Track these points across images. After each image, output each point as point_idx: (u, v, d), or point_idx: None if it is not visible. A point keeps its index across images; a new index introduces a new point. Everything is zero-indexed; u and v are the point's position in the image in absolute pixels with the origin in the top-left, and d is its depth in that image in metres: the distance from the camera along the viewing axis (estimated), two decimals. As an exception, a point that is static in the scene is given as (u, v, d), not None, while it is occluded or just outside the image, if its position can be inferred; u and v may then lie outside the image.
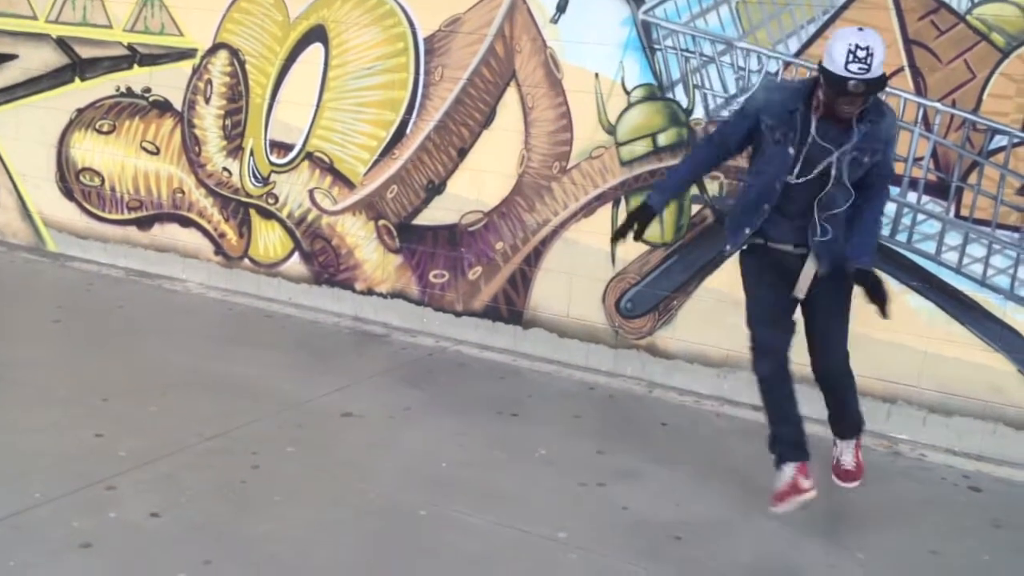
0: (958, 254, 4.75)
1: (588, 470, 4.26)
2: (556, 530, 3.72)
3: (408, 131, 5.93)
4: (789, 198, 3.74)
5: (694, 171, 4.16)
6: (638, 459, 4.41)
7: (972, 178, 4.69)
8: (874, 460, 4.42)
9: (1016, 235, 4.66)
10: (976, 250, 4.72)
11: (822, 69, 3.54)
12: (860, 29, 3.53)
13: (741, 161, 5.07)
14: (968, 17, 4.61)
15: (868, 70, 3.43)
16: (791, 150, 3.67)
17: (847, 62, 3.44)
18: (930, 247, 4.79)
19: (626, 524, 3.83)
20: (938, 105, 4.69)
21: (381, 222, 6.09)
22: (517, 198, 5.69)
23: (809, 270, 3.77)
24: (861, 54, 3.43)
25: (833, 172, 3.63)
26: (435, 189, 5.91)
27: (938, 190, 4.74)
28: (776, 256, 3.84)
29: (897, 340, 4.82)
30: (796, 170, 3.68)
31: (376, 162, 6.04)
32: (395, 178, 6.01)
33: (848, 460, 4.04)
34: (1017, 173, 4.61)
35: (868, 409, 4.33)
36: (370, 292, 6.18)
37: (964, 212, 4.74)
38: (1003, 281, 4.70)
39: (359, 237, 6.17)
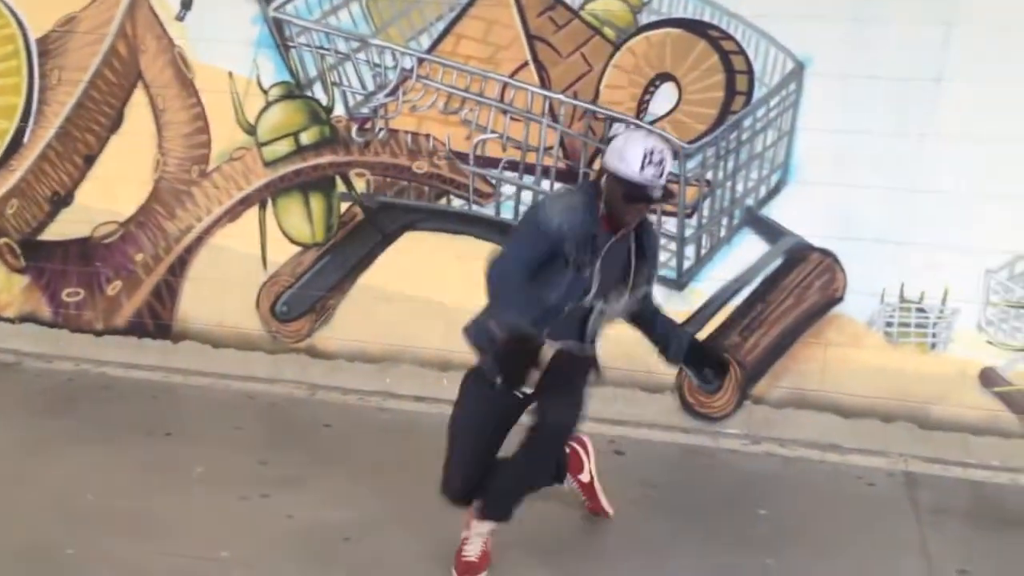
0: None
1: (250, 483, 4.11)
2: (218, 550, 3.56)
3: (25, 140, 5.46)
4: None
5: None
6: (302, 465, 4.32)
7: (596, 163, 5.00)
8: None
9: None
10: (606, 231, 5.05)
11: (614, 175, 3.23)
12: (647, 133, 3.44)
13: (386, 157, 5.16)
14: (581, 12, 4.90)
15: (661, 176, 3.22)
16: (587, 274, 3.30)
17: (642, 167, 3.17)
18: (566, 230, 5.07)
19: (293, 533, 3.74)
20: (561, 97, 4.96)
21: (2, 240, 5.56)
22: (155, 205, 5.40)
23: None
24: (656, 158, 3.19)
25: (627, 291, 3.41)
26: (61, 201, 5.49)
27: (568, 176, 5.01)
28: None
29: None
30: (592, 293, 3.35)
31: (-9, 176, 5.52)
32: (14, 191, 5.52)
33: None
34: (635, 157, 4.97)
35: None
36: (-6, 318, 5.64)
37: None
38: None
39: (-23, 259, 5.61)
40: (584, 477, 3.94)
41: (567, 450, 3.79)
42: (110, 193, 5.42)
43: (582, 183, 4.04)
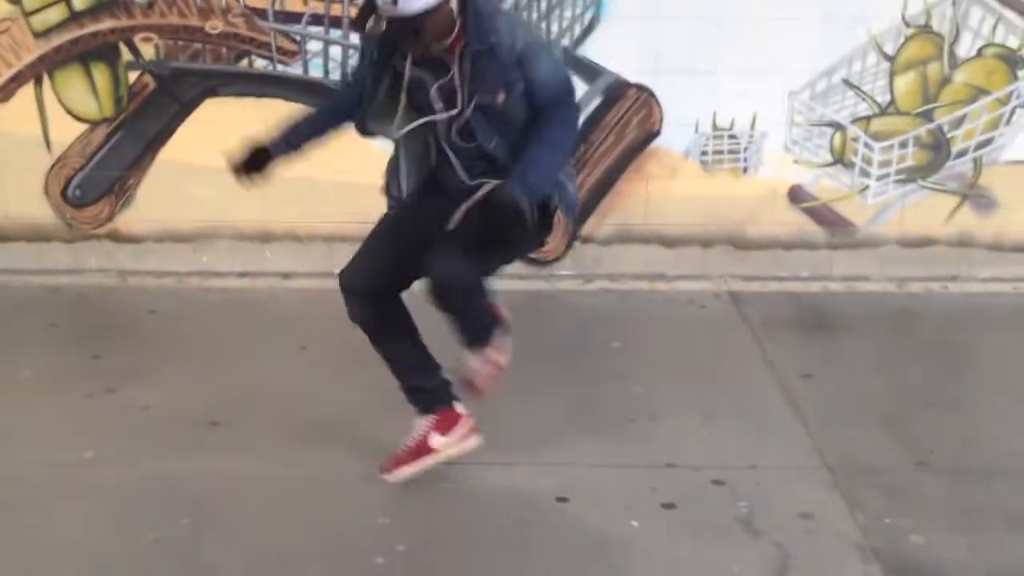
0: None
1: (89, 379, 3.81)
2: (80, 451, 3.31)
3: None
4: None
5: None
6: (140, 355, 4.05)
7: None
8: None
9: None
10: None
11: None
12: None
13: (175, 19, 4.74)
14: None
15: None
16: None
17: None
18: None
19: (155, 424, 3.52)
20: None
21: None
22: (-92, 91, 4.75)
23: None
24: None
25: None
26: None
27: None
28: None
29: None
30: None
31: None
32: None
33: None
34: None
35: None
36: None
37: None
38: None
39: None
40: None
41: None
42: None
43: None
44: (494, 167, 2.99)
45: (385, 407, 3.35)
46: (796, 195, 5.03)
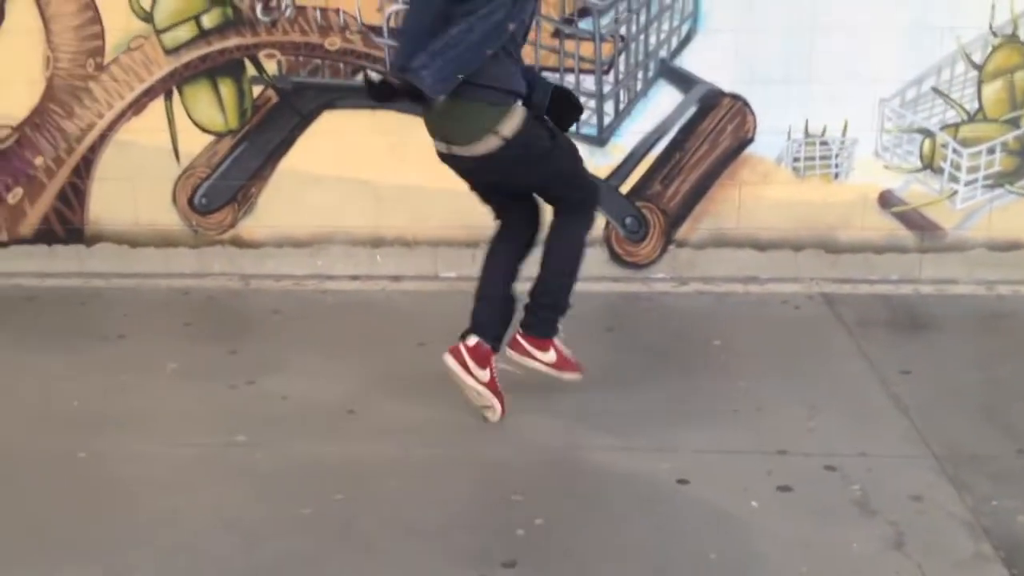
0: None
1: (230, 372, 4.11)
2: (232, 435, 3.59)
3: None
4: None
5: None
6: (273, 350, 4.33)
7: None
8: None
9: (555, 75, 5.14)
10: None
11: None
12: None
13: (296, 36, 5.05)
14: None
15: None
16: None
17: None
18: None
19: (295, 412, 3.78)
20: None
21: None
22: (51, 105, 5.12)
23: None
24: None
25: None
26: (-58, 109, 5.12)
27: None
28: None
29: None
30: None
31: None
32: None
33: None
34: (549, 17, 5.04)
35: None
36: None
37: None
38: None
39: None
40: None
41: None
42: (-1, 96, 5.10)
43: None
44: None
45: (506, 393, 3.60)
46: (886, 200, 5.19)
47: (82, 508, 3.17)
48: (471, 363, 3.60)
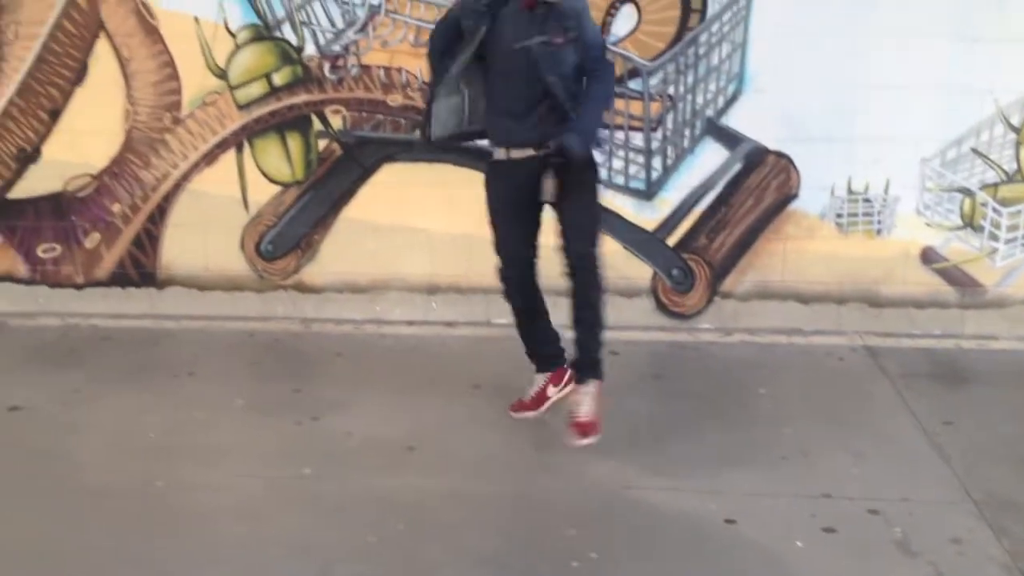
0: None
1: (295, 408, 4.32)
2: (299, 468, 3.79)
3: (-17, 98, 5.37)
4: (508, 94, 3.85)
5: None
6: (336, 389, 4.55)
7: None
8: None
9: (606, 133, 5.36)
10: (577, 149, 5.35)
11: None
12: None
13: (360, 93, 5.31)
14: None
15: None
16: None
17: None
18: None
19: (358, 448, 3.98)
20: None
21: (-34, 202, 5.48)
22: (129, 155, 5.41)
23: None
24: None
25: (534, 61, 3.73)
26: (28, 157, 5.43)
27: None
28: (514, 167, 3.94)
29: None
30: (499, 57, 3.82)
31: (-52, 136, 5.41)
32: (-25, 151, 5.43)
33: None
34: (602, 78, 5.28)
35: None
36: (-36, 281, 5.57)
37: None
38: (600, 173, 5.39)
39: (-61, 222, 5.52)
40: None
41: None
42: (80, 146, 5.40)
43: None
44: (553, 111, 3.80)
45: (555, 435, 3.81)
46: (928, 256, 5.33)
47: (160, 532, 3.38)
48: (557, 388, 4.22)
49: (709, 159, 5.34)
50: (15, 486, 3.66)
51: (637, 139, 5.32)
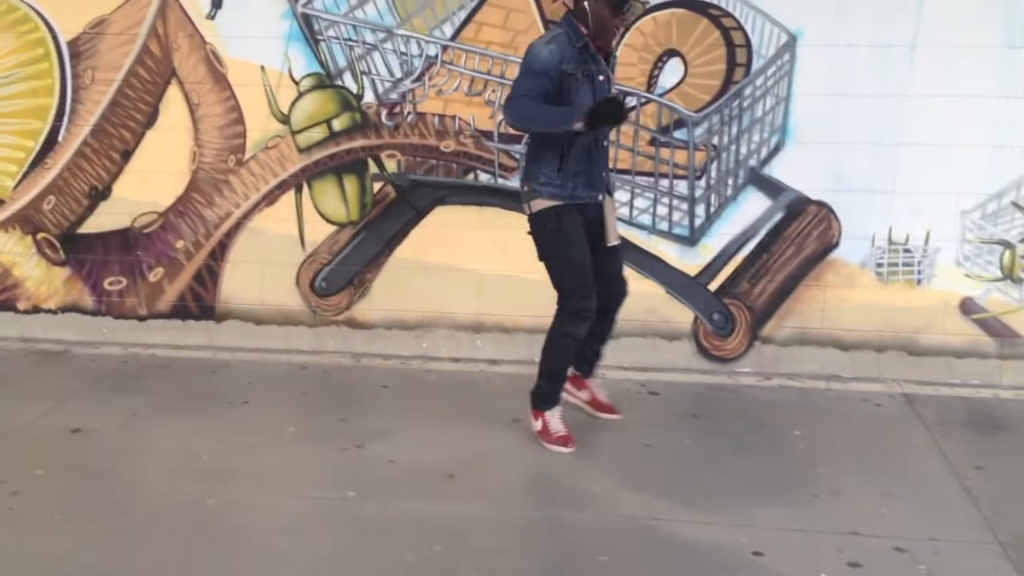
0: (609, 201, 5.55)
1: (341, 436, 4.50)
2: (343, 491, 3.96)
3: (60, 138, 5.69)
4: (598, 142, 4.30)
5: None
6: (381, 419, 4.72)
7: (612, 135, 5.47)
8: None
9: (651, 179, 5.53)
10: (621, 195, 5.53)
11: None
12: None
13: (415, 139, 5.55)
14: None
15: None
16: (598, 82, 4.18)
17: None
18: (586, 197, 5.54)
19: (400, 474, 4.15)
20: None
21: (40, 235, 5.79)
22: (193, 195, 5.70)
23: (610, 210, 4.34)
24: None
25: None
26: (100, 195, 5.74)
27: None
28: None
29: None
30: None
31: (26, 174, 5.74)
32: (51, 188, 5.75)
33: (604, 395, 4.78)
34: (647, 127, 5.46)
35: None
36: (36, 310, 5.86)
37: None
38: (645, 219, 5.56)
39: (15, 254, 5.82)
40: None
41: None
42: (148, 185, 5.70)
43: (556, 25, 4.38)
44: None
45: (591, 467, 3.93)
46: (967, 307, 5.40)
47: (211, 546, 3.56)
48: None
49: (752, 207, 5.48)
50: (76, 505, 3.86)
51: (681, 187, 5.48)
